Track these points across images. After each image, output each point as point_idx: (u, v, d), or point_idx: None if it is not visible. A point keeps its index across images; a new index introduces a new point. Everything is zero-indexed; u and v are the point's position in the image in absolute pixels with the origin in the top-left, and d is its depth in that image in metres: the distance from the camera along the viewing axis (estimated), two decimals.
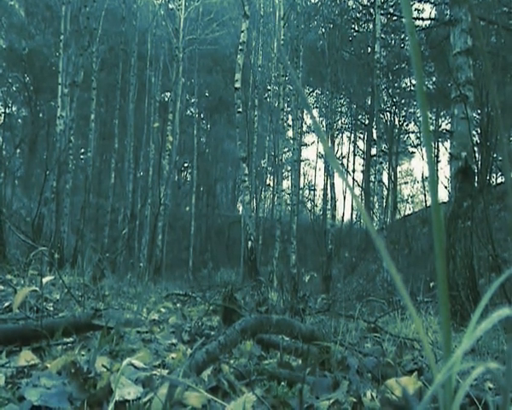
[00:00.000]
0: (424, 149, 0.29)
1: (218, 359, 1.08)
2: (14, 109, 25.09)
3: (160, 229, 14.92)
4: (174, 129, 16.23)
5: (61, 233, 11.18)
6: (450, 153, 5.31)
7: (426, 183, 19.65)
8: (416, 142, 23.44)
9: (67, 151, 12.16)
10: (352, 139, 26.19)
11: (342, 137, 25.79)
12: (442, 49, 12.60)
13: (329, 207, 15.01)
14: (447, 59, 6.79)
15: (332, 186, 14.66)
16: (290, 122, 17.34)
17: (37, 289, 1.74)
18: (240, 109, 10.17)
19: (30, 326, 1.43)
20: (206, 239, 23.05)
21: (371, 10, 14.72)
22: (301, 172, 26.13)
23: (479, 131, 6.60)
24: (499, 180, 15.74)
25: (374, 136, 18.79)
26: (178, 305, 3.90)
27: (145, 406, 0.83)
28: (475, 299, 4.46)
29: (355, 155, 25.83)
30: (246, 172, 10.12)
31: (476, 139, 6.50)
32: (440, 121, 21.84)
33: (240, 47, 10.41)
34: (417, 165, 72.99)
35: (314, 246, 15.95)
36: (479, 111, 6.14)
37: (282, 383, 1.08)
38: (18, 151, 24.19)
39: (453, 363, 0.26)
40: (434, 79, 19.01)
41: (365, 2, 15.87)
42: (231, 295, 1.85)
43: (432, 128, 19.02)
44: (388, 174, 21.11)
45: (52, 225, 10.85)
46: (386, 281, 8.97)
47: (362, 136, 25.21)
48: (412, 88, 20.08)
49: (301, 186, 26.33)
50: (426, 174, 20.88)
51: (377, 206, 12.04)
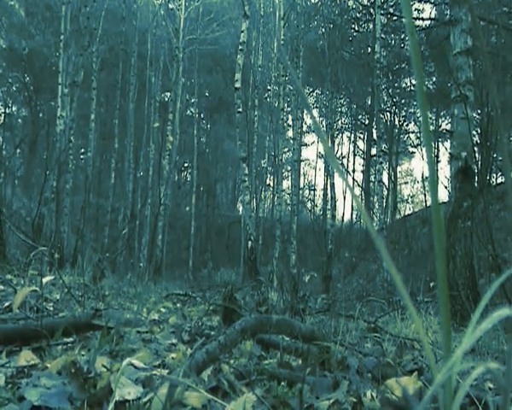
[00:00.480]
0: (424, 149, 0.29)
1: (219, 359, 1.08)
2: (14, 109, 25.09)
3: (160, 229, 14.92)
4: (174, 129, 16.23)
5: (61, 233, 11.18)
6: (450, 153, 5.31)
7: (426, 183, 19.66)
8: (416, 142, 23.44)
9: (67, 151, 12.16)
10: (352, 139, 26.20)
11: (342, 137, 25.81)
12: (442, 49, 12.60)
13: (329, 207, 15.01)
14: (447, 59, 6.79)
15: (332, 186, 14.66)
16: (290, 122, 17.34)
17: (37, 289, 1.74)
18: (240, 109, 10.17)
19: (30, 326, 1.43)
20: (206, 239, 23.05)
21: (371, 10, 14.72)
22: (301, 172, 26.14)
23: (479, 131, 6.60)
24: (499, 180, 15.75)
25: (374, 136, 18.79)
26: (178, 305, 3.90)
27: (145, 406, 0.83)
28: (475, 299, 4.46)
29: (355, 155, 25.85)
30: (246, 172, 10.12)
31: (476, 139, 6.50)
32: (440, 121, 21.84)
33: (240, 47, 10.41)
34: (417, 165, 72.96)
35: (314, 246, 15.94)
36: (479, 111, 6.14)
37: (282, 383, 1.08)
38: (18, 151, 24.19)
39: (453, 363, 0.26)
40: (434, 79, 19.01)
41: (365, 2, 15.87)
42: (231, 295, 1.85)
43: (432, 128, 19.01)
44: (388, 174, 21.11)
45: (52, 225, 10.85)
46: (386, 281, 8.97)
47: (362, 136, 25.22)
48: (412, 88, 20.08)
49: (301, 186, 26.34)
50: (426, 174, 20.89)
51: (377, 206, 12.04)
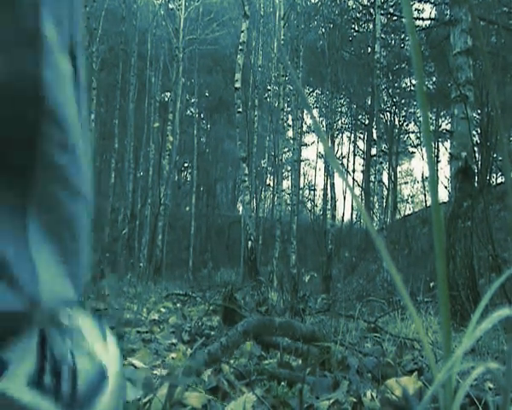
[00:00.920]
0: (424, 149, 0.29)
1: (220, 360, 1.08)
2: None
3: (160, 229, 14.92)
4: (174, 129, 16.23)
5: None
6: (450, 153, 5.31)
7: (426, 183, 19.66)
8: (416, 142, 23.45)
9: None
10: (352, 139, 26.21)
11: (342, 137, 25.81)
12: (442, 49, 12.60)
13: (329, 207, 15.01)
14: (447, 59, 6.79)
15: (332, 186, 14.66)
16: (290, 122, 17.34)
17: None
18: (240, 109, 10.17)
19: None
20: (206, 239, 23.05)
21: (371, 10, 14.72)
22: (301, 172, 26.16)
23: (479, 131, 6.60)
24: (499, 180, 15.75)
25: (374, 136, 18.79)
26: (178, 305, 3.90)
27: (145, 406, 0.83)
28: (475, 299, 4.46)
29: (355, 155, 25.85)
30: (246, 172, 10.12)
31: (476, 139, 6.50)
32: (440, 121, 21.85)
33: (240, 47, 10.41)
34: (417, 165, 73.01)
35: (314, 246, 15.95)
36: (479, 111, 6.15)
37: (282, 383, 1.08)
38: None
39: (453, 363, 0.26)
40: (434, 79, 19.02)
41: (365, 2, 15.87)
42: (231, 295, 1.85)
43: (432, 128, 19.01)
44: (388, 174, 21.12)
45: None
46: (386, 281, 8.97)
47: (362, 136, 25.23)
48: (412, 88, 20.08)
49: (301, 186, 26.34)
50: (426, 174, 20.89)
51: (377, 206, 12.05)
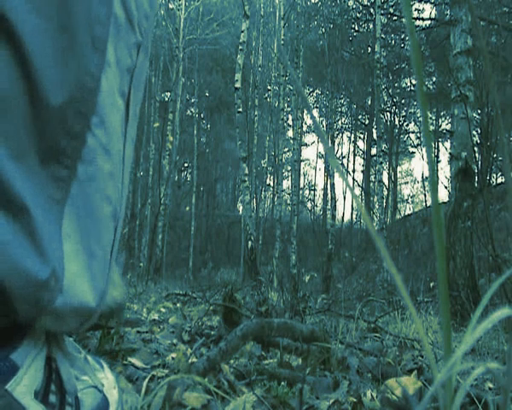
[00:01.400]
0: (424, 149, 0.29)
1: (219, 365, 1.08)
2: None
3: (160, 229, 14.92)
4: (174, 129, 16.23)
5: None
6: (450, 153, 5.31)
7: (426, 183, 19.66)
8: (416, 142, 23.45)
9: None
10: (352, 139, 26.21)
11: (342, 137, 25.80)
12: (442, 49, 12.61)
13: (329, 207, 15.01)
14: (447, 59, 6.79)
15: (332, 186, 14.66)
16: (290, 122, 17.35)
17: None
18: (240, 109, 10.17)
19: None
20: (206, 239, 23.05)
21: (371, 10, 14.72)
22: (301, 172, 26.17)
23: (479, 131, 6.60)
24: (499, 180, 15.75)
25: (374, 136, 18.80)
26: (178, 305, 3.90)
27: (144, 406, 0.83)
28: (475, 299, 4.46)
29: (355, 155, 25.85)
30: (246, 172, 10.12)
31: (476, 139, 6.50)
32: (440, 121, 21.85)
33: (240, 47, 10.41)
34: (417, 165, 73.10)
35: (314, 246, 15.95)
36: (479, 111, 6.15)
37: (282, 382, 1.08)
38: None
39: (453, 363, 0.26)
40: (434, 79, 19.02)
41: (365, 2, 15.87)
42: (231, 294, 1.85)
43: (432, 128, 19.04)
44: (388, 174, 21.12)
45: None
46: (386, 281, 8.98)
47: (362, 136, 25.23)
48: (412, 88, 20.09)
49: (301, 186, 26.35)
50: (426, 174, 20.90)
51: (377, 206, 12.05)
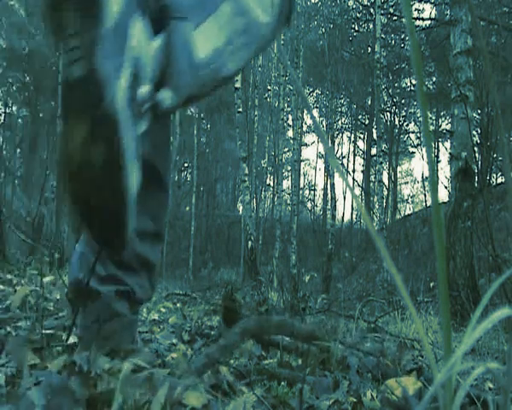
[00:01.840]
0: (424, 149, 0.29)
1: (219, 362, 1.08)
2: (14, 109, 25.10)
3: None
4: (174, 129, 16.23)
5: (61, 233, 11.18)
6: (450, 153, 5.31)
7: (426, 183, 19.66)
8: (416, 142, 23.45)
9: None
10: (352, 139, 26.21)
11: (342, 137, 25.80)
12: (442, 49, 12.61)
13: (329, 207, 15.01)
14: (447, 59, 6.79)
15: (332, 186, 14.66)
16: (290, 122, 17.34)
17: (37, 288, 1.74)
18: (240, 109, 10.17)
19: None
20: (206, 239, 23.06)
21: (371, 10, 14.73)
22: (301, 172, 26.18)
23: (479, 131, 6.60)
24: (499, 180, 15.75)
25: (374, 136, 18.80)
26: (178, 305, 3.90)
27: (144, 406, 0.83)
28: (475, 299, 4.46)
29: (355, 155, 25.86)
30: (246, 172, 10.12)
31: (476, 139, 6.50)
32: (440, 121, 21.85)
33: None
34: (417, 165, 73.15)
35: (314, 246, 15.96)
36: (479, 111, 6.15)
37: (282, 382, 1.08)
38: (18, 151, 24.21)
39: (453, 363, 0.26)
40: (434, 79, 19.02)
41: (365, 2, 15.88)
42: (231, 294, 1.86)
43: (432, 128, 19.05)
44: (388, 174, 21.13)
45: (52, 225, 10.85)
46: (386, 281, 8.98)
47: (362, 136, 25.23)
48: (412, 88, 20.09)
49: (301, 186, 26.35)
50: (426, 174, 20.90)
51: (377, 206, 12.05)
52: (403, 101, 21.63)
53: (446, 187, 5.93)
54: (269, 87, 18.34)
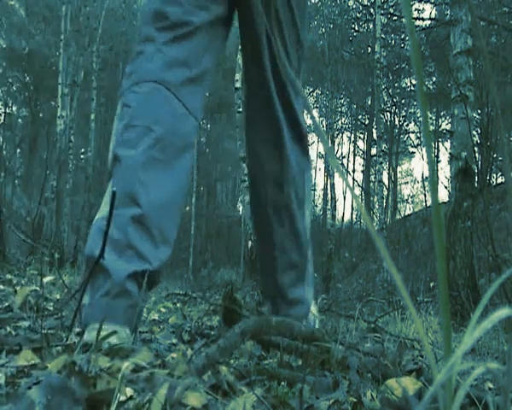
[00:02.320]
0: (424, 149, 0.29)
1: (219, 362, 1.08)
2: (14, 109, 25.10)
3: None
4: None
5: (61, 233, 11.18)
6: (450, 153, 5.31)
7: (426, 183, 19.66)
8: (416, 142, 23.45)
9: (67, 151, 12.17)
10: (352, 139, 26.21)
11: (342, 137, 25.80)
12: (442, 49, 12.61)
13: (329, 207, 15.01)
14: (447, 59, 6.80)
15: (332, 186, 14.66)
16: None
17: (37, 288, 1.74)
18: (240, 109, 10.17)
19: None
20: (206, 239, 23.06)
21: (371, 10, 14.72)
22: None
23: (479, 131, 6.60)
24: (499, 180, 15.74)
25: (374, 136, 18.79)
26: (178, 305, 3.89)
27: (144, 406, 0.83)
28: (475, 299, 4.46)
29: (355, 155, 25.86)
30: (246, 172, 10.11)
31: (476, 139, 6.50)
32: (440, 121, 21.86)
33: (240, 47, 10.41)
34: (417, 165, 73.17)
35: (314, 246, 15.92)
36: (479, 111, 6.15)
37: (282, 382, 1.08)
38: (18, 151, 24.20)
39: (453, 363, 0.26)
40: (434, 79, 19.02)
41: (365, 2, 15.88)
42: (231, 294, 1.85)
43: (432, 128, 19.05)
44: (388, 174, 21.13)
45: (52, 225, 10.85)
46: (386, 281, 8.98)
47: (362, 136, 25.23)
48: (412, 88, 20.08)
49: None
50: (426, 174, 20.89)
51: (377, 206, 12.05)
52: (403, 101, 21.63)
53: (446, 187, 5.92)
54: None
